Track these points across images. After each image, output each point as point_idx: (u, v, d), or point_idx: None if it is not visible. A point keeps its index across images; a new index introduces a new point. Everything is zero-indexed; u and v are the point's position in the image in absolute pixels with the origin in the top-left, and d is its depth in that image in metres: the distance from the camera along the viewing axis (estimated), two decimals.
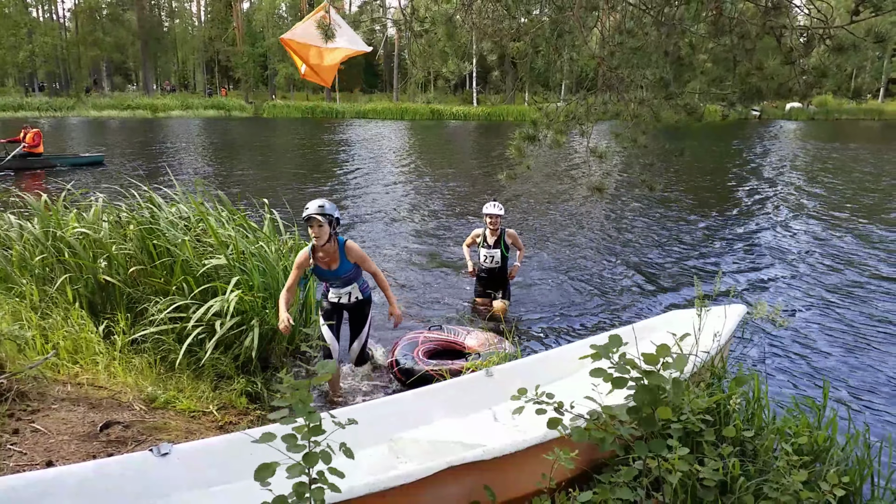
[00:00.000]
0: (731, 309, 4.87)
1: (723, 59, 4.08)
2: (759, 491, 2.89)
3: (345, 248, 4.68)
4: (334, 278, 4.78)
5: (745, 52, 3.84)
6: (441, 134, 36.09)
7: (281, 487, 2.10)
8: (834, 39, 3.74)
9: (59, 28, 56.70)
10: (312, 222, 4.50)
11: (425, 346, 5.34)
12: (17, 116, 41.26)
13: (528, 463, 2.96)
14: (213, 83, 63.32)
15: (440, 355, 5.37)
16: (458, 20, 4.38)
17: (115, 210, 6.03)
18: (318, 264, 4.72)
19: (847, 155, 23.90)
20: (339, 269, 4.72)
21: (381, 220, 12.05)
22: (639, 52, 3.88)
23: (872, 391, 5.21)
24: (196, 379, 4.67)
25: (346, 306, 4.93)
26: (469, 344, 5.44)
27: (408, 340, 5.37)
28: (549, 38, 4.22)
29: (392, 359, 5.12)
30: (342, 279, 4.78)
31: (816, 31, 3.80)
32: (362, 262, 4.79)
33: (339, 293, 4.85)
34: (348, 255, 4.70)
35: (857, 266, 8.89)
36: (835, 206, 13.69)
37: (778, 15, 3.69)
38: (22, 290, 5.28)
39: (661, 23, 3.77)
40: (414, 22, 4.53)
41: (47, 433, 3.46)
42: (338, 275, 4.74)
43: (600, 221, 12.10)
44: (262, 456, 2.10)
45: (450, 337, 5.57)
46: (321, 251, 4.67)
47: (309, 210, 4.50)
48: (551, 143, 4.58)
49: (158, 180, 14.72)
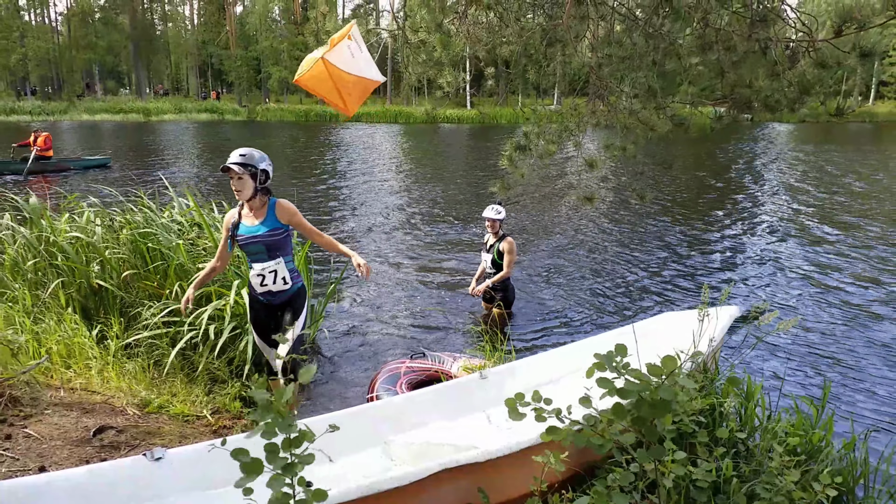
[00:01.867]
0: (724, 310, 4.90)
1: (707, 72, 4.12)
2: (752, 492, 2.91)
3: (275, 206, 3.92)
4: (258, 241, 3.87)
5: (731, 65, 3.86)
6: (435, 138, 36.12)
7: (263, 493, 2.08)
8: (817, 54, 3.77)
9: (52, 32, 56.54)
10: (231, 174, 3.77)
11: (408, 377, 4.83)
12: (9, 120, 41.16)
13: (522, 465, 2.97)
14: (207, 87, 63.25)
15: (425, 385, 4.75)
16: (452, 29, 4.39)
17: (108, 214, 6.01)
18: (243, 220, 3.93)
19: (839, 158, 24.03)
20: (265, 223, 3.88)
21: (374, 225, 12.06)
22: (627, 61, 3.91)
23: (869, 392, 5.24)
24: (190, 383, 4.66)
25: (273, 303, 4.03)
26: (455, 372, 4.90)
27: (389, 373, 4.86)
28: (538, 46, 4.22)
29: (373, 395, 4.66)
30: (268, 242, 3.88)
31: (801, 45, 3.84)
32: (295, 221, 3.97)
33: (263, 268, 3.91)
34: (278, 212, 3.90)
35: (851, 269, 8.94)
36: (828, 208, 13.77)
37: (764, 27, 3.73)
38: (14, 295, 5.26)
39: (650, 34, 3.80)
40: (408, 31, 4.53)
41: (40, 438, 3.45)
42: (260, 233, 3.86)
43: (595, 224, 12.13)
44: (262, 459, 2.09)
45: (434, 365, 5.03)
46: (247, 205, 3.93)
47: (229, 160, 3.78)
48: (542, 153, 4.58)
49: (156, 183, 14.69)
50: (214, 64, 61.12)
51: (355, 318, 6.80)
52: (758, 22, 3.62)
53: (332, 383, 5.28)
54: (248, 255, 3.97)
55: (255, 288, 3.98)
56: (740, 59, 3.75)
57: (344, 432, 2.30)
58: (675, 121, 4.14)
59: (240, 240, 3.88)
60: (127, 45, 57.64)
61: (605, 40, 4.25)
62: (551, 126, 4.50)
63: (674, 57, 3.85)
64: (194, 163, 21.33)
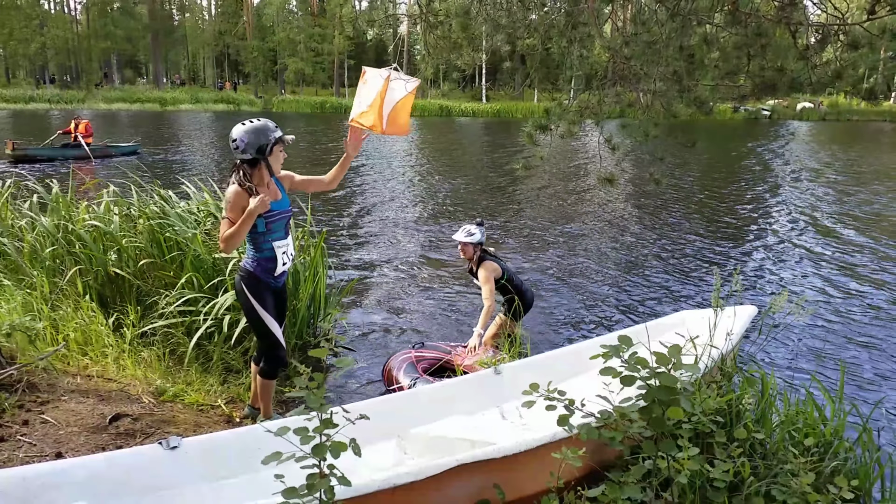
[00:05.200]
0: (742, 309, 4.85)
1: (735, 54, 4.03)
2: (768, 492, 2.87)
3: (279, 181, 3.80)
4: (287, 216, 3.79)
5: (760, 48, 3.79)
6: (449, 132, 36.04)
7: (290, 480, 2.11)
8: (849, 36, 3.70)
9: (71, 21, 56.93)
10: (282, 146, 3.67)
11: (422, 364, 4.84)
12: (27, 108, 41.55)
13: (538, 462, 2.95)
14: (224, 77, 63.50)
15: (436, 373, 4.89)
16: (472, 12, 4.33)
17: (127, 203, 6.03)
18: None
19: (859, 157, 23.72)
20: (285, 198, 3.79)
21: (387, 218, 12.06)
22: (653, 45, 3.83)
23: (886, 390, 5.17)
24: (204, 372, 4.68)
25: (280, 285, 3.88)
26: (461, 362, 4.91)
27: (402, 361, 4.85)
28: (562, 30, 4.14)
29: (400, 384, 4.59)
30: (289, 217, 3.82)
31: (832, 28, 3.76)
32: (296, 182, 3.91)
33: (287, 244, 3.78)
34: (284, 184, 3.85)
35: (869, 268, 8.83)
36: (848, 207, 13.60)
37: (793, 10, 3.66)
38: (33, 282, 5.30)
39: (677, 13, 3.71)
40: (428, 14, 4.49)
41: (57, 424, 3.47)
42: (287, 208, 3.79)
43: (611, 220, 12.06)
44: (271, 449, 2.10)
45: (438, 354, 5.03)
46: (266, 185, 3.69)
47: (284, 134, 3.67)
48: (564, 133, 4.50)
49: (177, 171, 14.79)
50: (231, 55, 61.31)
51: (366, 312, 6.80)
52: (787, 5, 3.55)
53: (344, 376, 5.28)
54: (270, 233, 3.67)
55: (278, 268, 3.75)
56: (768, 42, 3.67)
57: (358, 424, 2.30)
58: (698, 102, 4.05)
59: (270, 215, 3.62)
60: (145, 34, 57.97)
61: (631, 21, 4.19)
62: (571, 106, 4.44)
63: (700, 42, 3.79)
64: (209, 152, 21.44)
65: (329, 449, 2.07)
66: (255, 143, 3.54)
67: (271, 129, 3.59)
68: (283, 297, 3.95)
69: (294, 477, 2.12)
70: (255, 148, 3.54)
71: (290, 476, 2.11)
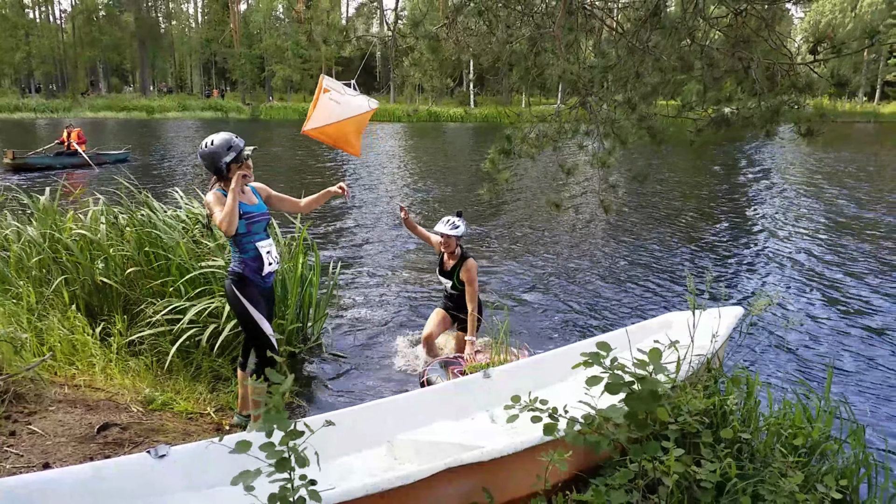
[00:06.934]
0: (728, 310, 4.88)
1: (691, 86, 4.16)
2: (755, 492, 2.89)
3: (255, 188, 4.05)
4: (266, 217, 4.02)
5: (713, 81, 3.92)
6: (437, 137, 36.08)
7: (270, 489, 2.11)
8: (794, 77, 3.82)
9: (57, 30, 56.63)
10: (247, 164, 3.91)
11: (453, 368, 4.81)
12: (12, 118, 41.24)
13: (526, 464, 2.97)
14: (211, 84, 63.32)
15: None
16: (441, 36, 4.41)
17: (113, 211, 6.00)
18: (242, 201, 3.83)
19: (842, 158, 23.96)
20: (260, 202, 4.02)
21: (375, 224, 12.06)
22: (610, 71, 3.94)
23: (873, 392, 5.23)
24: (193, 381, 4.67)
25: (267, 285, 4.05)
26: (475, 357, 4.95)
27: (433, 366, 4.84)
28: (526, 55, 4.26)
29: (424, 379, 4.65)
30: (267, 219, 4.04)
31: (782, 67, 3.87)
32: (273, 197, 4.14)
33: (269, 244, 3.99)
34: (260, 192, 4.08)
35: (855, 270, 8.92)
36: (831, 209, 13.73)
37: (746, 47, 3.77)
38: (18, 292, 5.26)
39: (633, 47, 3.84)
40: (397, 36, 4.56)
41: (44, 435, 3.45)
42: (265, 210, 4.02)
43: (597, 225, 12.12)
44: (259, 458, 2.10)
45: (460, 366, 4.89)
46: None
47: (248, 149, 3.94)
48: (525, 156, 4.58)
49: (165, 179, 14.74)
50: (218, 62, 61.16)
51: (355, 317, 6.79)
52: (741, 42, 3.69)
53: (337, 381, 5.27)
54: (251, 234, 3.87)
55: (265, 268, 3.91)
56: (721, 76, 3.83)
57: (347, 430, 2.30)
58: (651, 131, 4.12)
59: (249, 216, 3.83)
60: (131, 42, 57.76)
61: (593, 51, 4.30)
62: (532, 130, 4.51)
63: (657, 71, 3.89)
64: (197, 160, 21.34)
65: (295, 462, 2.05)
66: (212, 166, 3.85)
67: (222, 155, 3.80)
68: (271, 298, 4.14)
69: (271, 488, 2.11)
70: (212, 170, 3.86)
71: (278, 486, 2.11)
